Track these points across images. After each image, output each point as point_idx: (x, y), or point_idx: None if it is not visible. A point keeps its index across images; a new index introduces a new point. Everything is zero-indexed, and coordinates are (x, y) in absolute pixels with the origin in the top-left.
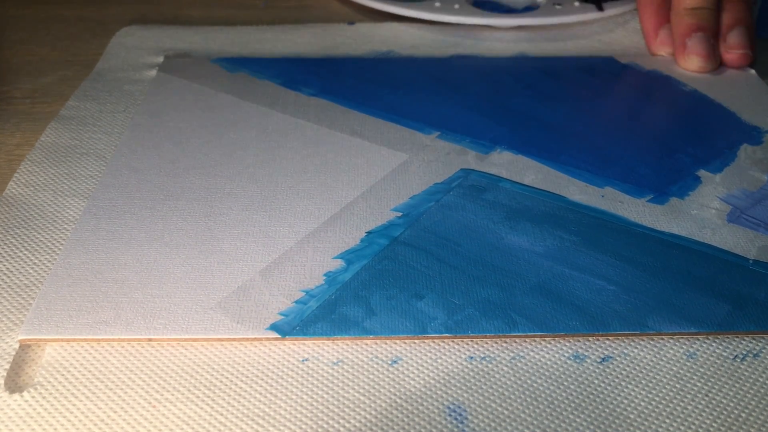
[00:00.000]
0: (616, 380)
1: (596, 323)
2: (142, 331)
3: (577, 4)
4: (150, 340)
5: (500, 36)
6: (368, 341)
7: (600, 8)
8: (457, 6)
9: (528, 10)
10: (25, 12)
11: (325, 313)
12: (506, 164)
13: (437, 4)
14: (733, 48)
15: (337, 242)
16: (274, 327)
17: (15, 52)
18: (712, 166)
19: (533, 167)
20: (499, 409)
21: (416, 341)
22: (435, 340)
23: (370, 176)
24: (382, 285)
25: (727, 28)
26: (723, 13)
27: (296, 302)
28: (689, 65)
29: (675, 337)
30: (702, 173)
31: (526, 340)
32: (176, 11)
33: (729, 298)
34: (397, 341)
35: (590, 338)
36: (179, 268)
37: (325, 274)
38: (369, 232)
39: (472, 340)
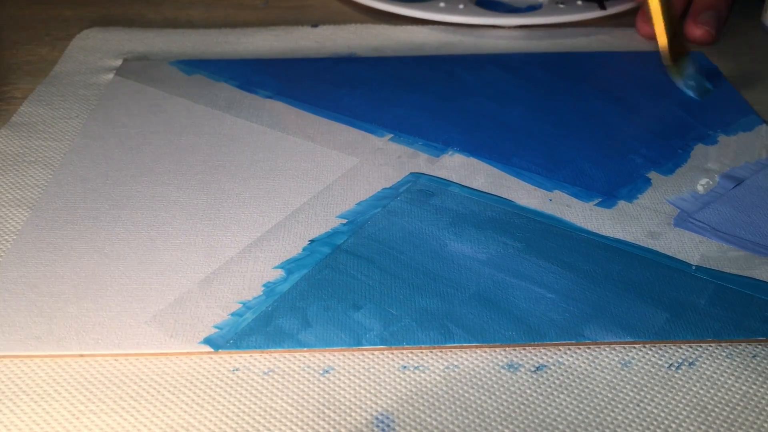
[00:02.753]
0: (549, 389)
1: (532, 333)
2: (73, 347)
3: (580, 2)
4: (81, 356)
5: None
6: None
7: (602, 7)
8: (461, 6)
9: (531, 9)
10: (25, 12)
11: (260, 326)
12: (457, 167)
13: (441, 5)
14: (701, 24)
15: (279, 251)
16: (207, 341)
17: (15, 52)
18: (664, 167)
19: (484, 170)
20: (428, 419)
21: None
22: (369, 350)
23: (318, 182)
24: (320, 295)
25: (700, 8)
26: None
27: (232, 314)
28: (645, 30)
29: (611, 345)
30: (653, 175)
31: (462, 349)
32: (177, 12)
33: (668, 306)
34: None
35: (525, 347)
36: (117, 281)
37: (264, 285)
38: (312, 241)
39: (404, 351)
